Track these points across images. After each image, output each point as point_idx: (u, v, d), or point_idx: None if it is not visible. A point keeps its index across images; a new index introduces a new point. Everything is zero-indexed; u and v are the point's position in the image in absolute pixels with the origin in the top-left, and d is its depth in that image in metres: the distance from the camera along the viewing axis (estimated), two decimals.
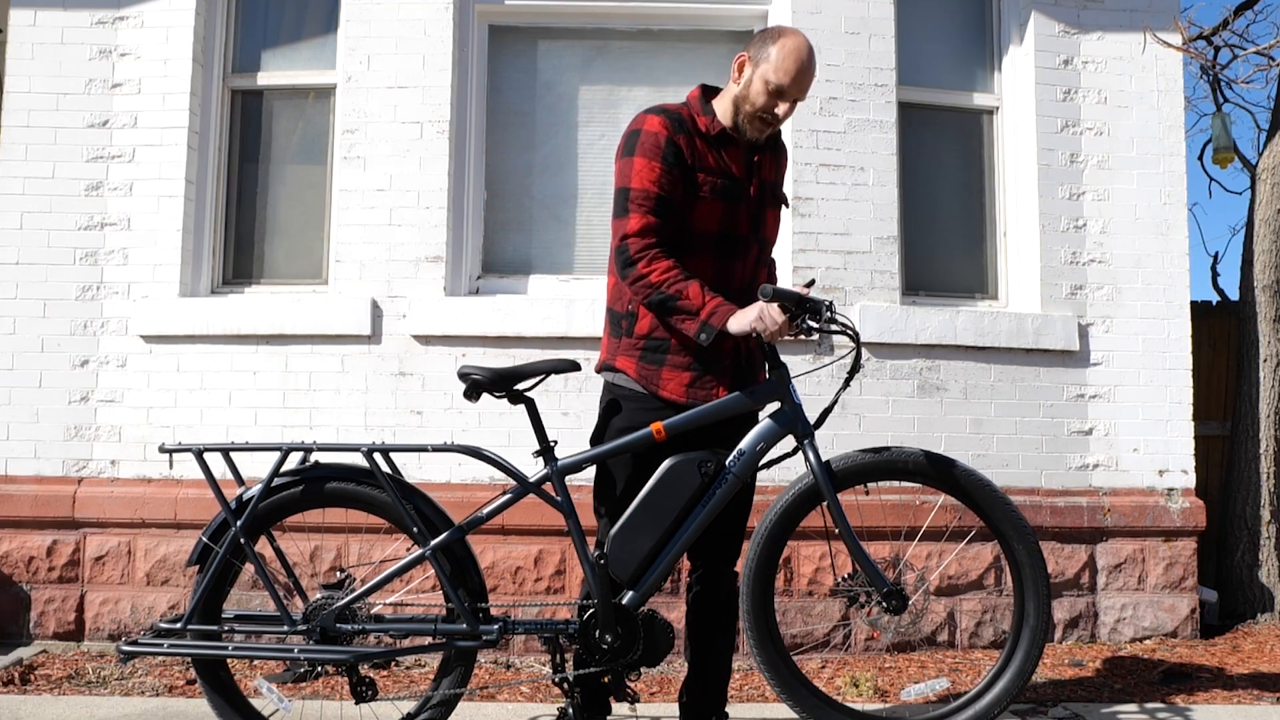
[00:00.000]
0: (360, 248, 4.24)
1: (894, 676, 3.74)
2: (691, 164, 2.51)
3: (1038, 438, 4.33)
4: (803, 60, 2.47)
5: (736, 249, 2.58)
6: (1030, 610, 2.65)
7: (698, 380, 2.56)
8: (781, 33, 2.51)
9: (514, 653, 3.98)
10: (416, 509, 2.56)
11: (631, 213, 2.47)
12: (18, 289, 4.22)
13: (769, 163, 2.66)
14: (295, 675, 2.50)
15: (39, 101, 4.28)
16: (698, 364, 2.55)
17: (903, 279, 4.42)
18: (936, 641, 4.14)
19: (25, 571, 4.07)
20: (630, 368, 2.58)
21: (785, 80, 2.47)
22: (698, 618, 2.70)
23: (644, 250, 2.45)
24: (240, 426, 4.15)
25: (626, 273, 2.47)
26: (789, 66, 2.46)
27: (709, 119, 2.55)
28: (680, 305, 2.42)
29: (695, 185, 2.50)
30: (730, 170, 2.56)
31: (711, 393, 2.56)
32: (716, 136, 2.55)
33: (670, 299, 2.43)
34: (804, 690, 2.63)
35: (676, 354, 2.55)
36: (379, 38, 4.31)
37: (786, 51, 2.47)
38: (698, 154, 2.53)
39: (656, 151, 2.47)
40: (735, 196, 2.55)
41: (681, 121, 2.53)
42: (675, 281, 2.42)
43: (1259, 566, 4.66)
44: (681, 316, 2.44)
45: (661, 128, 2.49)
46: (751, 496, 2.73)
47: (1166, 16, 4.56)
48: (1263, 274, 4.81)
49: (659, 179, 2.46)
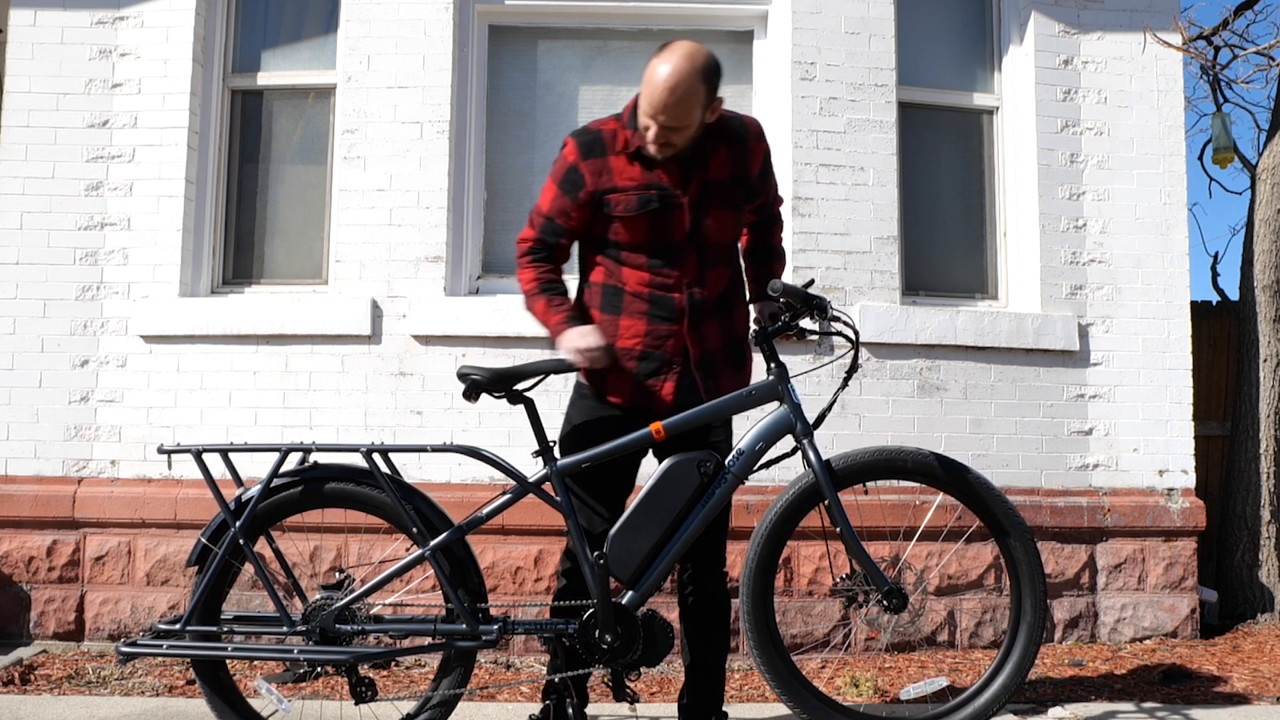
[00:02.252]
0: (360, 248, 4.24)
1: (894, 676, 3.74)
2: (597, 188, 2.56)
3: (1038, 438, 4.33)
4: (656, 92, 2.41)
5: (673, 257, 2.58)
6: (1027, 607, 2.67)
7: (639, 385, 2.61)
8: (655, 57, 2.46)
9: (514, 653, 3.98)
10: (416, 509, 2.56)
11: (527, 223, 2.68)
12: (18, 289, 4.22)
13: (719, 162, 2.60)
14: (295, 676, 2.50)
15: (39, 101, 4.28)
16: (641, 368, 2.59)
17: (903, 279, 4.42)
18: (936, 641, 4.14)
19: (25, 571, 4.07)
20: (584, 375, 2.67)
21: (651, 110, 2.44)
22: (691, 619, 2.70)
23: (524, 253, 2.66)
24: (240, 426, 4.15)
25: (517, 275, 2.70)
26: (649, 96, 2.43)
27: (630, 134, 2.55)
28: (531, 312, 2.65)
29: (609, 206, 2.56)
30: (659, 180, 2.55)
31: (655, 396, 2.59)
32: (635, 152, 2.55)
33: (527, 305, 2.66)
34: (803, 690, 2.63)
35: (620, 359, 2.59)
36: (379, 38, 4.31)
37: (647, 82, 2.44)
38: (610, 173, 2.55)
39: (560, 176, 2.62)
40: (662, 209, 2.55)
41: (596, 143, 2.57)
42: (530, 294, 2.63)
43: (1259, 566, 4.65)
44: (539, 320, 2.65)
45: (572, 153, 2.60)
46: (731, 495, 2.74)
47: (1166, 16, 4.56)
48: (1263, 274, 4.81)
49: (553, 202, 2.61)
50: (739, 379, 2.72)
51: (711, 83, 2.46)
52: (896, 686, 3.58)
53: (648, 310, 2.59)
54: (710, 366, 2.64)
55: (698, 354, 2.61)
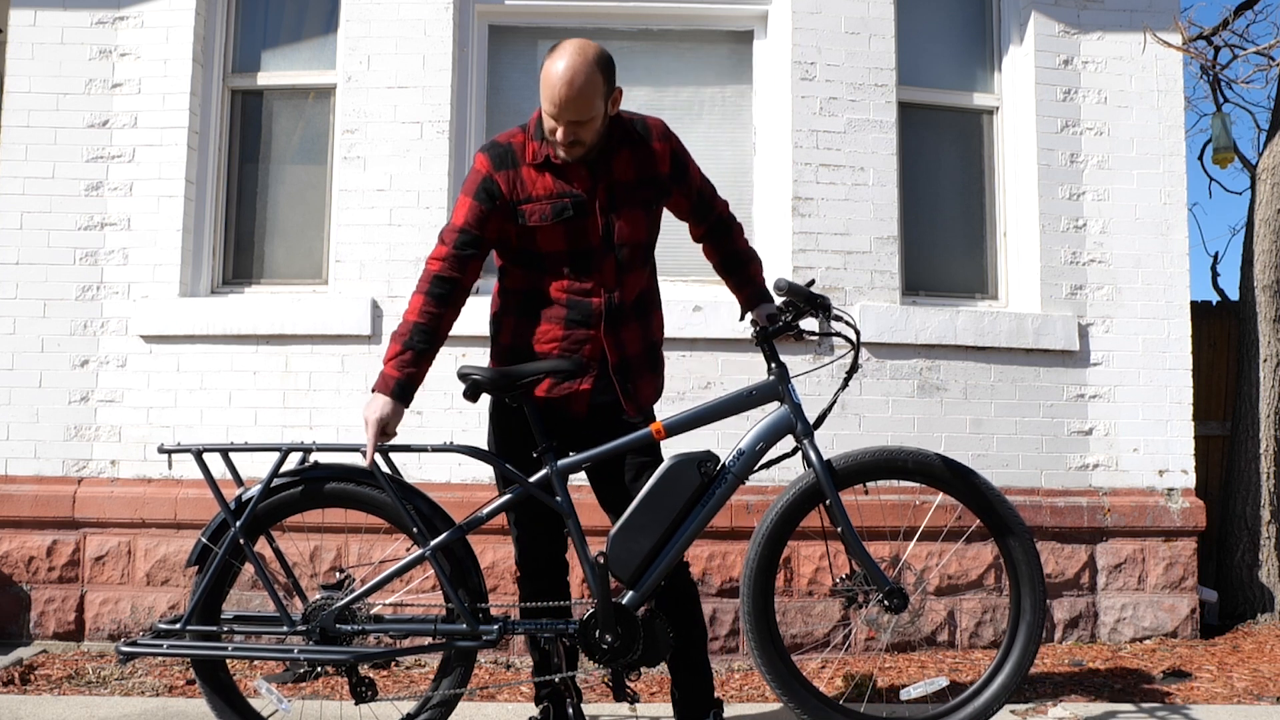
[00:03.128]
0: (360, 248, 4.24)
1: (894, 676, 3.74)
2: (513, 198, 2.55)
3: (1038, 438, 4.33)
4: (556, 90, 2.41)
5: (591, 262, 2.59)
6: (1026, 606, 2.68)
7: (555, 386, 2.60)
8: (548, 58, 2.46)
9: (514, 653, 3.98)
10: (416, 509, 2.56)
11: (436, 246, 2.58)
12: (18, 289, 4.22)
13: (623, 164, 2.60)
14: (295, 675, 2.50)
15: (39, 101, 4.28)
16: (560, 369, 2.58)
17: (903, 279, 4.42)
18: (936, 641, 4.14)
19: (25, 571, 4.07)
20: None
21: (555, 109, 2.44)
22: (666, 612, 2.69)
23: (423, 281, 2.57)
24: (240, 426, 4.15)
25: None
26: (550, 96, 2.43)
27: (537, 144, 2.56)
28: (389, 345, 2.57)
29: (523, 216, 2.55)
30: (569, 189, 2.56)
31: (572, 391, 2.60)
32: (543, 163, 2.56)
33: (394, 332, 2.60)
34: (804, 691, 2.63)
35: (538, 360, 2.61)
36: (379, 38, 4.31)
37: (545, 84, 2.44)
38: (522, 186, 2.56)
39: (472, 189, 2.58)
40: (573, 217, 2.56)
41: (508, 155, 2.57)
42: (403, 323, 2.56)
43: (1259, 566, 4.65)
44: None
45: (484, 165, 2.57)
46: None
47: (1166, 16, 4.56)
48: (1263, 274, 4.81)
49: (466, 213, 2.56)
50: (655, 383, 2.73)
51: (607, 72, 2.48)
52: (897, 686, 3.58)
53: (565, 315, 2.59)
54: (628, 370, 2.64)
55: (615, 358, 2.62)
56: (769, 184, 4.40)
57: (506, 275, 2.69)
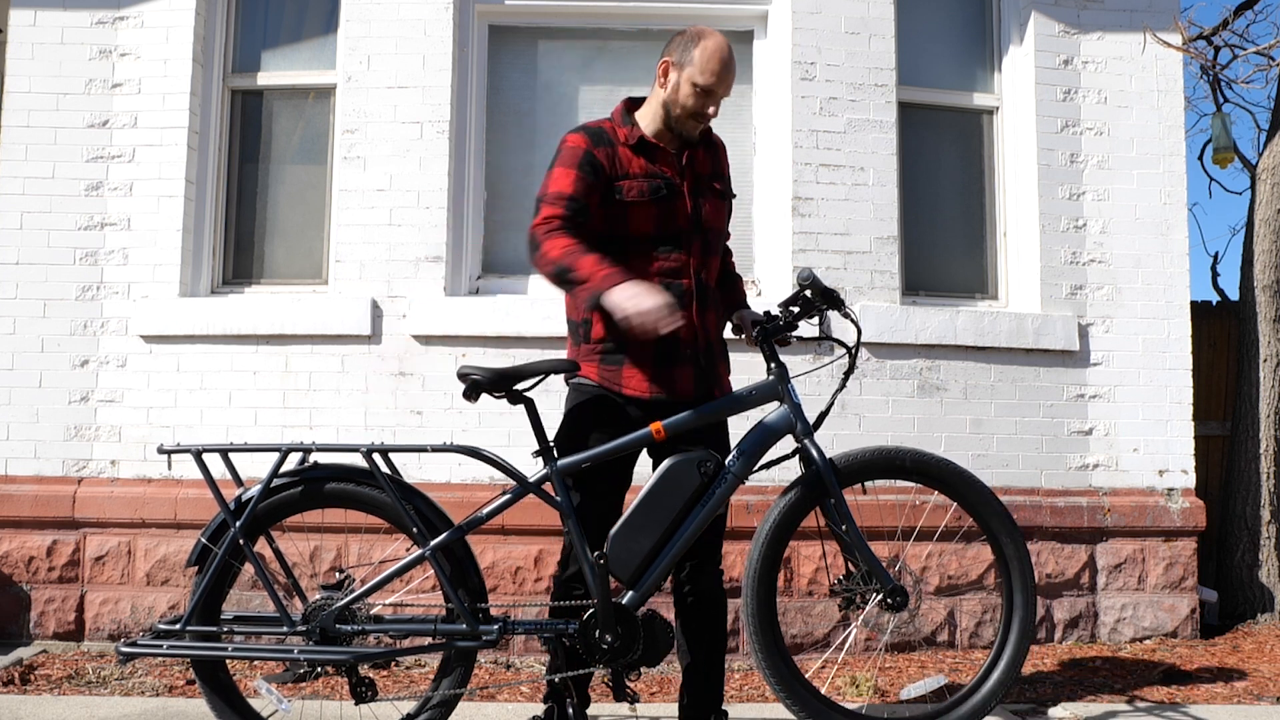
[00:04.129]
0: (360, 248, 4.24)
1: (894, 676, 3.74)
2: (613, 174, 2.58)
3: (1038, 438, 4.33)
4: (724, 59, 2.56)
5: (679, 244, 2.62)
6: (1019, 602, 2.70)
7: (658, 375, 2.59)
8: (701, 35, 2.60)
9: (514, 653, 3.98)
10: (416, 509, 2.56)
11: (540, 209, 2.55)
12: (18, 289, 4.22)
13: (703, 158, 2.71)
14: (295, 676, 2.50)
15: (39, 101, 4.28)
16: (657, 358, 2.58)
17: (903, 279, 4.42)
18: (936, 641, 4.14)
19: (25, 571, 4.07)
20: (592, 372, 2.62)
21: (711, 80, 2.56)
22: (689, 618, 2.70)
23: (548, 231, 2.49)
24: (240, 427, 4.15)
25: (534, 256, 2.51)
26: (714, 67, 2.55)
27: (628, 129, 2.64)
28: (573, 276, 2.43)
29: (621, 192, 2.57)
30: (662, 171, 2.62)
31: (673, 385, 2.59)
32: (637, 144, 2.62)
33: (567, 269, 2.44)
34: (805, 692, 2.63)
35: (633, 353, 2.58)
36: (379, 38, 4.31)
37: (709, 54, 2.56)
38: (620, 164, 2.60)
39: (574, 161, 2.57)
40: (667, 196, 2.61)
41: (603, 135, 2.62)
42: (572, 254, 2.44)
43: (1259, 566, 4.65)
44: (576, 286, 2.44)
45: (582, 142, 2.59)
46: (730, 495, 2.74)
47: (1166, 16, 4.56)
48: (1263, 274, 4.81)
49: (573, 183, 2.54)
50: (728, 373, 2.76)
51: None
52: (896, 686, 3.58)
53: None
54: (712, 354, 2.68)
55: (704, 341, 2.65)
56: (769, 184, 4.40)
57: None
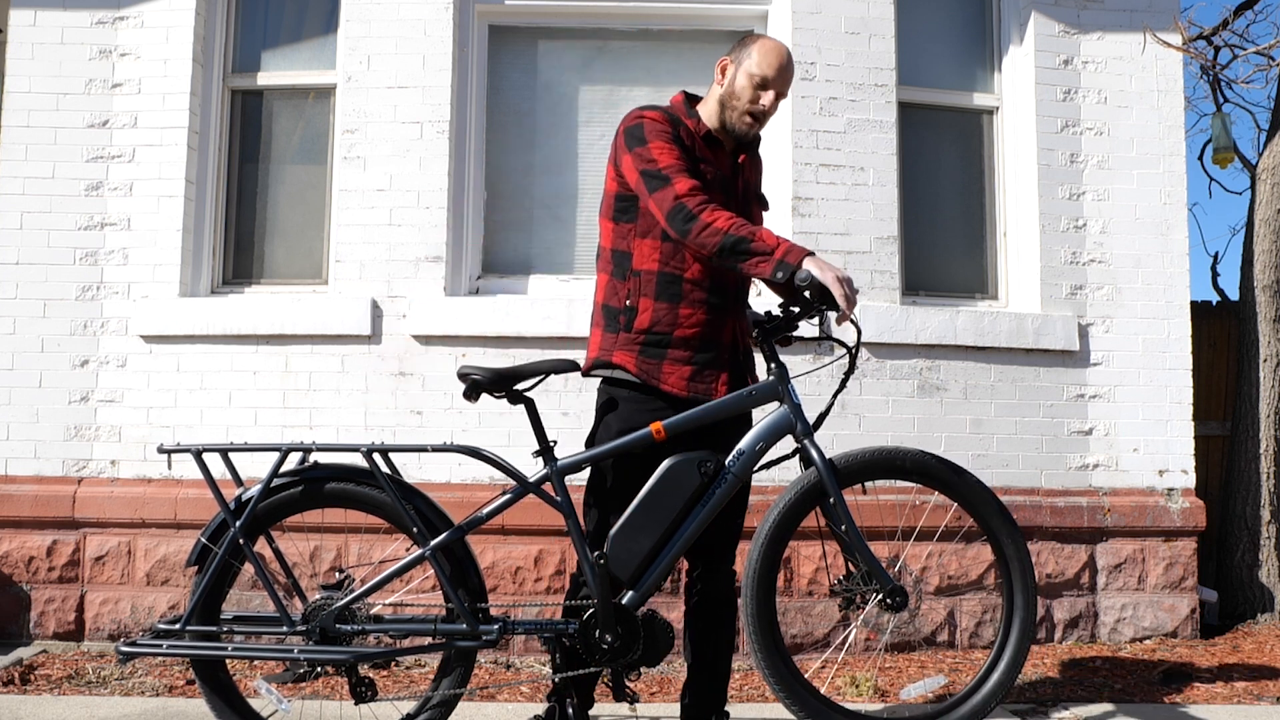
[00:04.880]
0: (360, 248, 4.24)
1: (894, 676, 3.74)
2: (695, 154, 2.60)
3: (1038, 438, 4.33)
4: (783, 55, 2.60)
5: None
6: (1020, 602, 2.69)
7: (699, 374, 2.57)
8: (760, 36, 2.67)
9: (514, 653, 3.98)
10: (416, 509, 2.56)
11: (674, 179, 2.49)
12: (18, 289, 4.22)
13: (749, 164, 2.74)
14: (295, 675, 2.50)
15: (39, 101, 4.28)
16: (699, 357, 2.57)
17: (903, 279, 4.42)
18: (936, 641, 4.14)
19: (25, 571, 4.07)
20: (630, 362, 2.58)
21: (769, 72, 2.58)
22: (697, 617, 2.70)
23: (702, 204, 2.46)
24: (240, 426, 4.15)
25: (689, 227, 2.44)
26: (771, 60, 2.59)
27: (695, 121, 2.64)
28: (754, 247, 2.41)
29: (700, 175, 2.58)
30: (720, 169, 2.65)
31: (711, 386, 2.58)
32: (705, 137, 2.64)
33: (743, 240, 2.41)
34: (804, 692, 2.63)
35: (677, 348, 2.56)
36: (379, 38, 4.31)
37: (767, 49, 2.60)
38: (698, 146, 2.62)
39: (668, 135, 2.56)
40: (727, 194, 2.64)
41: (675, 119, 2.62)
42: (743, 225, 2.44)
43: (1259, 566, 4.65)
44: (755, 258, 2.42)
45: (664, 120, 2.59)
46: (748, 495, 2.74)
47: (1166, 16, 4.56)
48: (1263, 274, 4.81)
49: (680, 155, 2.54)
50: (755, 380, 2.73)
51: None
52: (897, 686, 3.58)
53: (706, 299, 2.58)
54: (748, 360, 2.72)
55: (742, 345, 2.68)
56: (769, 184, 4.39)
57: (637, 256, 2.59)
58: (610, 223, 2.63)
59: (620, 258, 2.61)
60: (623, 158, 2.57)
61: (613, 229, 2.62)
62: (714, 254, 2.44)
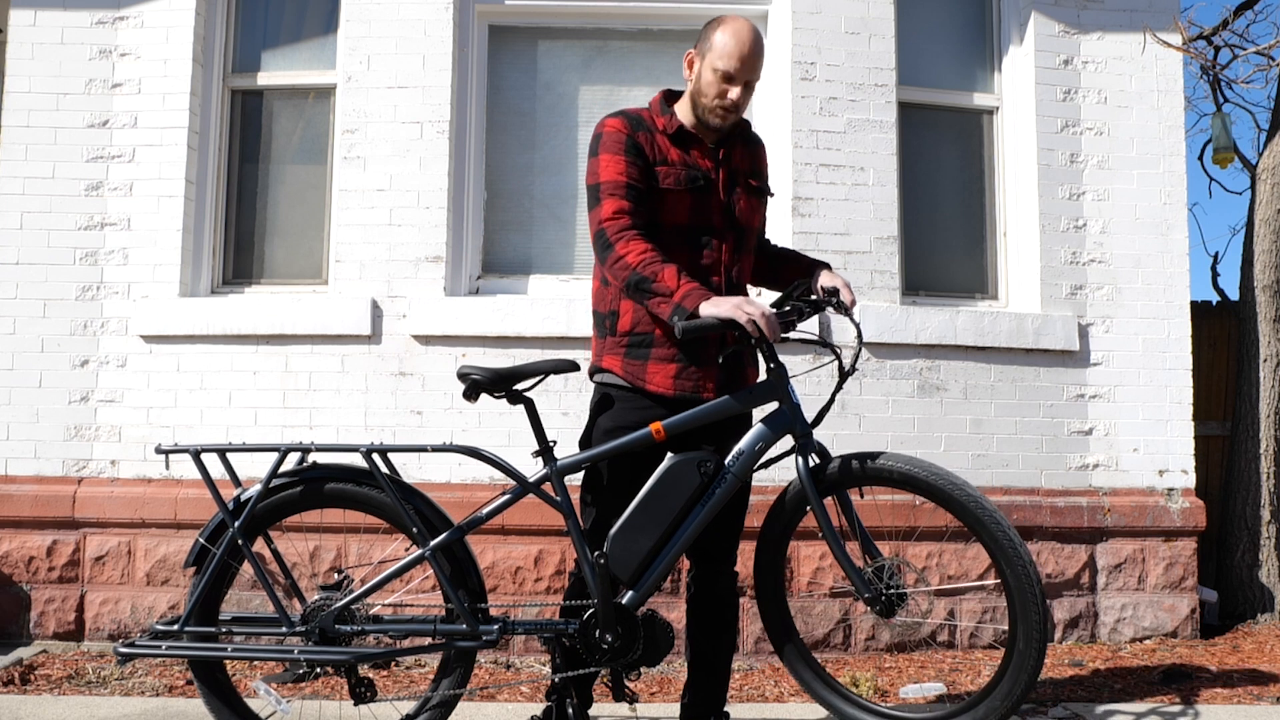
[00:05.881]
0: (360, 248, 4.24)
1: (894, 676, 3.74)
2: (653, 159, 2.56)
3: (1038, 438, 4.33)
4: (744, 41, 2.52)
5: (711, 239, 2.60)
6: (1020, 634, 2.49)
7: (683, 371, 2.56)
8: (721, 21, 2.58)
9: (514, 653, 3.98)
10: (416, 509, 2.56)
11: (604, 200, 2.51)
12: (18, 289, 4.22)
13: (739, 153, 2.69)
14: (294, 676, 2.50)
15: (39, 101, 4.28)
16: (683, 356, 2.56)
17: (903, 279, 4.42)
18: (936, 641, 4.14)
19: (25, 571, 4.07)
20: (616, 365, 2.59)
21: (731, 65, 2.52)
22: (698, 617, 2.70)
23: (620, 232, 2.47)
24: (240, 427, 4.15)
25: (605, 256, 2.48)
26: (731, 49, 2.52)
27: (667, 118, 2.62)
28: (654, 287, 2.41)
29: (658, 178, 2.55)
30: (697, 164, 2.60)
31: (698, 384, 2.57)
32: (676, 133, 2.60)
33: (645, 280, 2.42)
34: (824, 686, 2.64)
35: (661, 347, 2.56)
36: (379, 38, 4.31)
37: (727, 36, 2.54)
38: (659, 150, 2.58)
39: (619, 146, 2.53)
40: (703, 188, 2.59)
41: (641, 121, 2.60)
42: (651, 263, 2.42)
43: (1259, 566, 4.65)
44: (657, 299, 2.42)
45: (622, 127, 2.57)
46: (748, 495, 2.73)
47: (1166, 16, 4.56)
48: (1263, 274, 4.81)
49: (625, 169, 2.52)
50: (756, 376, 2.73)
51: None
52: (896, 686, 3.58)
53: None
54: (740, 357, 2.67)
55: (731, 341, 2.61)
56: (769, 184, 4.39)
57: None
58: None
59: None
60: (587, 164, 2.60)
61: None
62: (624, 287, 2.46)
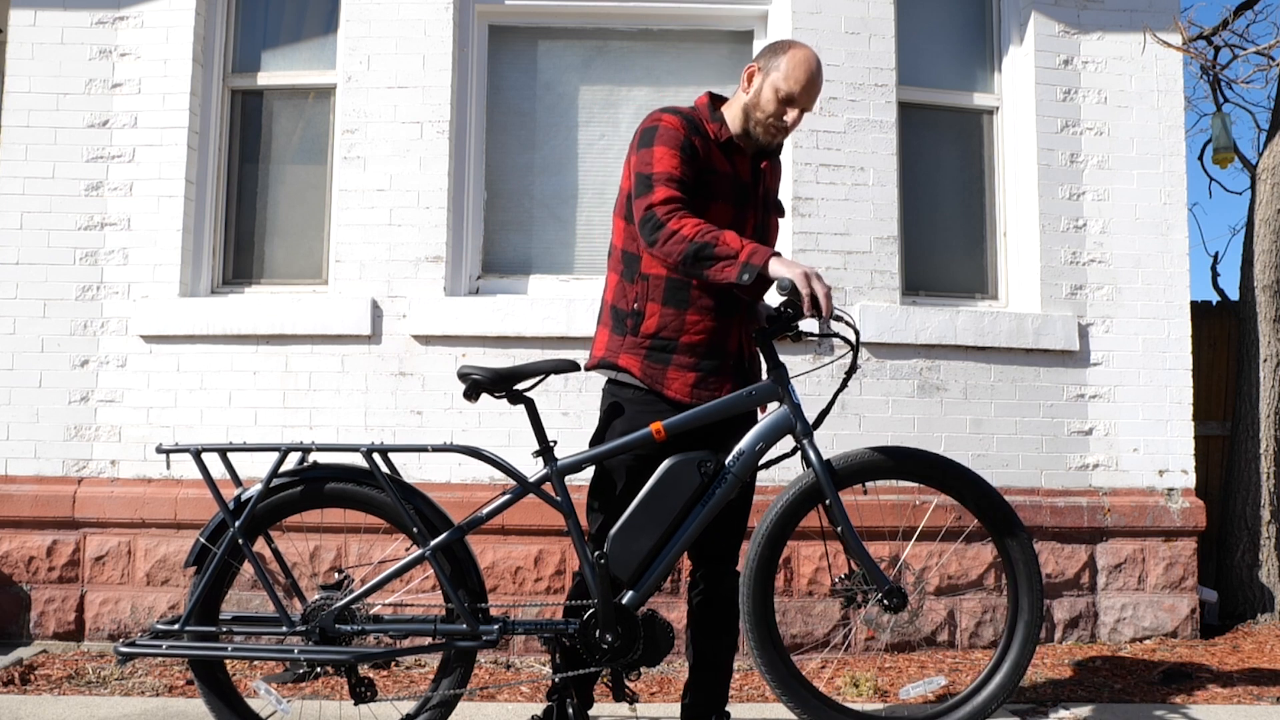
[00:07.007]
0: (360, 248, 4.24)
1: (894, 676, 3.74)
2: (705, 164, 2.56)
3: (1038, 438, 4.33)
4: (812, 70, 2.55)
5: None
6: (1024, 605, 2.68)
7: (703, 380, 2.57)
8: (791, 45, 2.60)
9: (514, 653, 3.98)
10: (416, 509, 2.56)
11: (656, 187, 2.48)
12: (18, 289, 4.22)
13: (770, 172, 2.71)
14: (294, 676, 2.50)
15: (39, 101, 4.28)
16: (704, 364, 2.57)
17: (903, 279, 4.42)
18: (936, 641, 4.14)
19: (25, 571, 4.07)
20: (635, 366, 2.58)
21: (795, 89, 2.54)
22: (699, 617, 2.70)
23: (671, 211, 2.44)
24: (240, 426, 4.15)
25: (656, 236, 2.44)
26: (799, 75, 2.54)
27: (717, 125, 2.61)
28: (717, 251, 2.38)
29: (708, 185, 2.55)
30: (740, 176, 2.61)
31: (716, 393, 2.58)
32: (725, 143, 2.60)
33: (707, 246, 2.39)
34: (804, 691, 2.63)
35: (682, 354, 2.56)
36: (379, 38, 4.31)
37: (796, 62, 2.55)
38: (710, 157, 2.57)
39: (676, 143, 2.51)
40: (744, 201, 2.61)
41: (695, 125, 2.58)
42: (708, 232, 2.40)
43: (1259, 566, 4.65)
44: (720, 263, 2.39)
45: (679, 126, 2.55)
46: (751, 496, 2.74)
47: (1166, 16, 4.56)
48: (1263, 274, 4.81)
49: (680, 166, 2.50)
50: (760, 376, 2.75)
51: None
52: (897, 686, 3.58)
53: (714, 306, 2.56)
54: (754, 366, 2.70)
55: (748, 351, 2.67)
56: None
57: (646, 259, 2.57)
58: (623, 221, 2.63)
59: (630, 259, 2.61)
60: (631, 157, 2.57)
61: (624, 228, 2.62)
62: (679, 262, 2.43)
